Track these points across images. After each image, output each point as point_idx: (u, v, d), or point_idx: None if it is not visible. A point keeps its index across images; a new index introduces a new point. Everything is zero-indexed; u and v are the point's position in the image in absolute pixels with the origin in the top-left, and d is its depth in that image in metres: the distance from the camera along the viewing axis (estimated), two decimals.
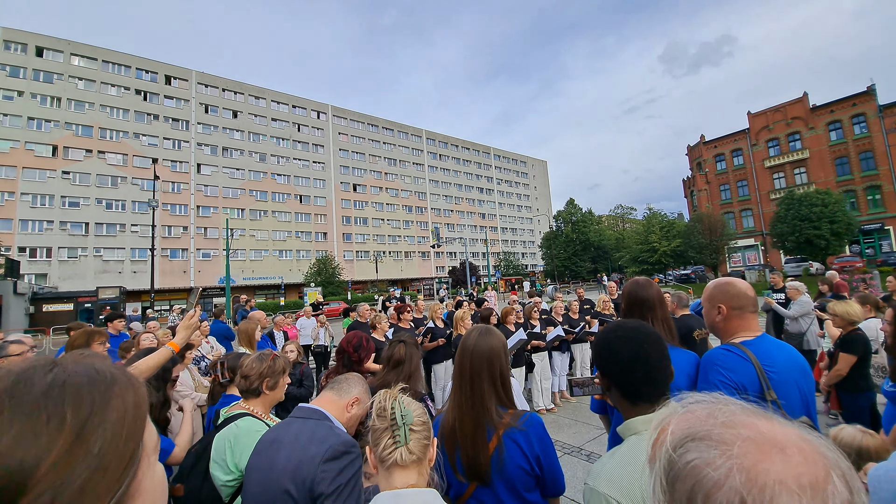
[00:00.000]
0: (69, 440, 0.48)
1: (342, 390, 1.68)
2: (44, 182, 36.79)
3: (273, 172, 49.37)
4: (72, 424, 0.49)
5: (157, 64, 44.36)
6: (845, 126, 35.10)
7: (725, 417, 0.50)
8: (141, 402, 0.58)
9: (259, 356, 2.08)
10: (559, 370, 6.53)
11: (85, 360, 0.58)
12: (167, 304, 35.25)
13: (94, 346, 3.15)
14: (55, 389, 0.51)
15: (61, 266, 36.52)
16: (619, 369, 1.22)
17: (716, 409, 0.52)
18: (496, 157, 75.61)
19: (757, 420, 0.49)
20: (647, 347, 1.21)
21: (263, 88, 51.15)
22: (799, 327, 6.05)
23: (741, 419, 0.49)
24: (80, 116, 39.21)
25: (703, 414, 0.52)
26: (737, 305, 1.66)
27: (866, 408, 3.44)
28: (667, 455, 0.50)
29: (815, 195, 27.96)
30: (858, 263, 25.27)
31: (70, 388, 0.52)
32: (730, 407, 0.52)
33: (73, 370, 0.54)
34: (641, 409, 1.18)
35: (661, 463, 0.50)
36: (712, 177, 43.29)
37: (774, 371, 1.51)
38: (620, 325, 1.31)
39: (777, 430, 0.47)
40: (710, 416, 0.51)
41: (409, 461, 1.11)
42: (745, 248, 39.83)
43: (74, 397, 0.51)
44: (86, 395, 0.52)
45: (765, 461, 0.43)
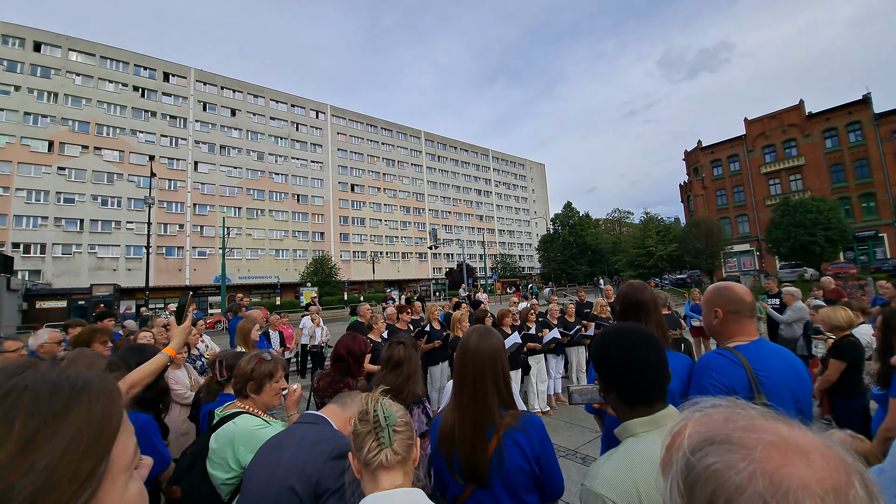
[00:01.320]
0: (11, 453, 0.44)
1: (346, 405, 1.67)
2: (39, 178, 36.52)
3: (271, 171, 49.23)
4: (18, 435, 0.45)
5: (156, 61, 44.19)
6: (841, 134, 35.42)
7: (746, 421, 0.49)
8: (111, 416, 0.53)
9: (249, 357, 2.03)
10: (554, 373, 6.55)
11: (57, 367, 0.54)
12: (162, 302, 35.01)
13: (96, 345, 3.13)
14: (11, 396, 0.48)
15: (55, 263, 36.24)
16: (618, 372, 1.23)
17: (734, 414, 0.51)
18: (494, 160, 75.74)
19: (778, 424, 0.48)
20: (645, 350, 1.22)
21: (262, 87, 51.03)
22: (793, 332, 6.10)
23: (761, 423, 0.48)
24: (76, 112, 38.98)
25: (721, 418, 0.51)
26: (733, 310, 1.68)
27: (858, 413, 3.48)
28: (685, 459, 0.49)
29: (811, 202, 28.20)
30: (852, 270, 25.49)
31: (27, 396, 0.48)
32: (748, 411, 0.51)
33: (40, 376, 0.50)
34: (639, 411, 1.19)
35: (679, 467, 0.49)
36: (709, 182, 43.56)
37: (766, 375, 1.53)
38: (619, 328, 1.32)
39: (798, 434, 0.46)
40: (728, 420, 0.50)
41: (395, 462, 1.11)
42: (741, 254, 40.08)
43: (29, 406, 0.47)
44: (43, 404, 0.48)
45: (788, 465, 0.42)
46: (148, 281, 21.80)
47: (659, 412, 1.18)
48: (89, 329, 3.40)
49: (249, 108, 49.42)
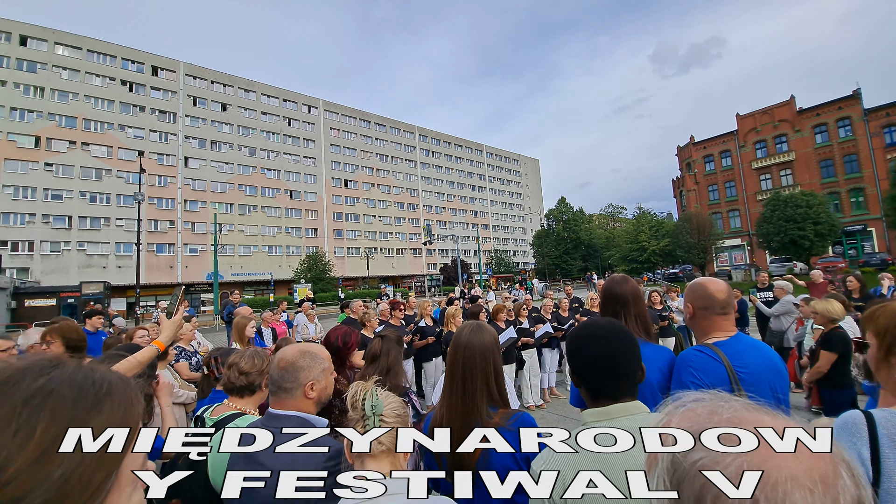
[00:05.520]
0: (29, 460, 0.43)
1: (288, 389, 1.52)
2: (26, 174, 35.89)
3: (263, 167, 48.77)
4: (39, 442, 0.44)
5: (144, 54, 43.45)
6: (831, 129, 35.83)
7: (730, 414, 0.48)
8: (129, 424, 0.51)
9: (254, 352, 2.01)
10: (549, 367, 6.59)
11: (85, 368, 0.53)
12: (153, 299, 34.68)
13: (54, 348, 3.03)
14: (37, 398, 0.46)
15: (44, 260, 35.73)
16: (584, 366, 1.25)
17: (718, 407, 0.50)
18: (488, 155, 75.68)
19: (762, 416, 0.48)
20: (615, 346, 1.23)
21: (253, 81, 50.43)
22: (780, 325, 6.19)
23: (746, 415, 0.48)
24: (63, 107, 38.27)
25: (704, 412, 0.50)
26: (701, 306, 1.70)
27: (847, 404, 3.54)
28: (670, 456, 0.48)
29: (801, 196, 28.58)
30: (841, 264, 25.89)
31: (53, 401, 0.47)
32: (732, 404, 0.50)
33: (67, 378, 0.49)
34: (601, 404, 1.21)
35: (664, 465, 0.48)
36: (701, 177, 43.90)
37: (746, 371, 1.54)
38: (589, 324, 1.34)
39: (783, 425, 0.46)
40: (713, 414, 0.49)
41: (378, 451, 1.11)
42: (732, 248, 40.50)
43: (53, 411, 0.46)
44: (67, 410, 0.47)
45: (775, 458, 0.42)
46: (139, 278, 21.58)
47: (611, 405, 1.19)
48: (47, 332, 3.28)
49: (241, 103, 48.83)
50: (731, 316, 1.70)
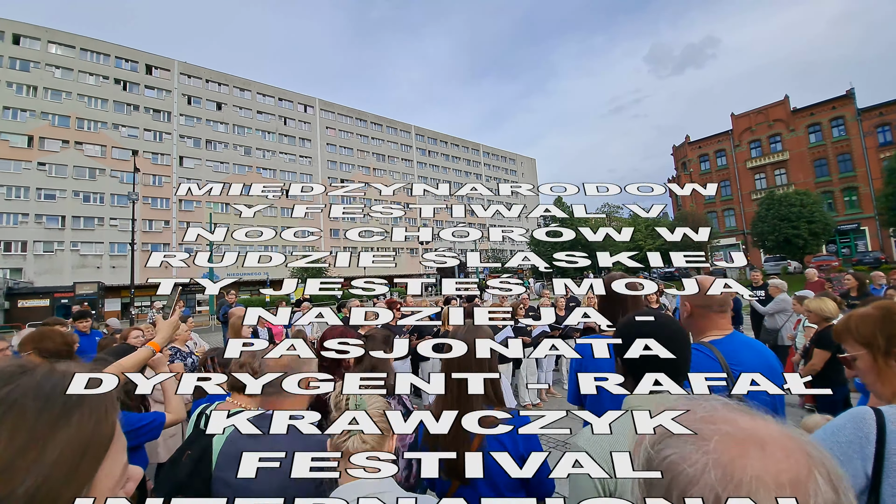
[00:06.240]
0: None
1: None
2: (19, 174, 35.53)
3: (258, 166, 48.56)
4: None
5: (138, 53, 43.09)
6: (825, 129, 36.09)
7: (705, 412, 0.49)
8: (101, 435, 0.48)
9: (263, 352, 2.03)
10: (545, 366, 6.60)
11: (55, 375, 0.49)
12: (148, 299, 34.44)
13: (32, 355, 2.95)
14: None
15: (37, 260, 35.39)
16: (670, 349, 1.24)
17: (696, 405, 0.51)
18: (485, 154, 75.66)
19: (738, 415, 0.48)
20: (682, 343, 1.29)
21: (249, 80, 50.15)
22: (774, 323, 6.22)
23: (722, 414, 0.48)
24: (56, 106, 37.90)
25: (682, 410, 0.51)
26: (699, 304, 1.71)
27: (840, 401, 3.56)
28: (646, 452, 0.50)
29: (795, 196, 28.77)
30: (835, 263, 26.10)
31: (14, 412, 0.44)
32: (711, 403, 0.51)
33: (34, 386, 0.46)
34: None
35: (640, 461, 0.50)
36: (696, 177, 44.13)
37: (741, 369, 1.55)
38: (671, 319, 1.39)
39: (759, 425, 0.46)
40: (689, 412, 0.50)
41: (362, 449, 1.12)
42: (728, 247, 40.74)
43: (15, 424, 0.43)
44: (30, 421, 0.44)
45: (743, 457, 0.42)
46: (133, 278, 21.43)
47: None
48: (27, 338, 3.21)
49: (236, 102, 48.56)
50: (727, 314, 1.72)
